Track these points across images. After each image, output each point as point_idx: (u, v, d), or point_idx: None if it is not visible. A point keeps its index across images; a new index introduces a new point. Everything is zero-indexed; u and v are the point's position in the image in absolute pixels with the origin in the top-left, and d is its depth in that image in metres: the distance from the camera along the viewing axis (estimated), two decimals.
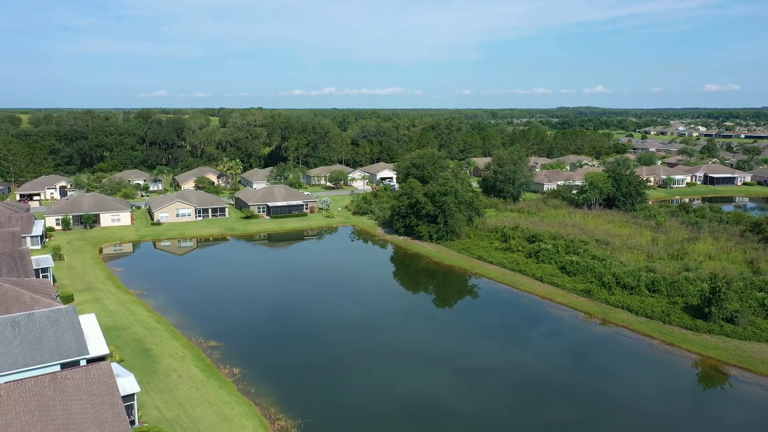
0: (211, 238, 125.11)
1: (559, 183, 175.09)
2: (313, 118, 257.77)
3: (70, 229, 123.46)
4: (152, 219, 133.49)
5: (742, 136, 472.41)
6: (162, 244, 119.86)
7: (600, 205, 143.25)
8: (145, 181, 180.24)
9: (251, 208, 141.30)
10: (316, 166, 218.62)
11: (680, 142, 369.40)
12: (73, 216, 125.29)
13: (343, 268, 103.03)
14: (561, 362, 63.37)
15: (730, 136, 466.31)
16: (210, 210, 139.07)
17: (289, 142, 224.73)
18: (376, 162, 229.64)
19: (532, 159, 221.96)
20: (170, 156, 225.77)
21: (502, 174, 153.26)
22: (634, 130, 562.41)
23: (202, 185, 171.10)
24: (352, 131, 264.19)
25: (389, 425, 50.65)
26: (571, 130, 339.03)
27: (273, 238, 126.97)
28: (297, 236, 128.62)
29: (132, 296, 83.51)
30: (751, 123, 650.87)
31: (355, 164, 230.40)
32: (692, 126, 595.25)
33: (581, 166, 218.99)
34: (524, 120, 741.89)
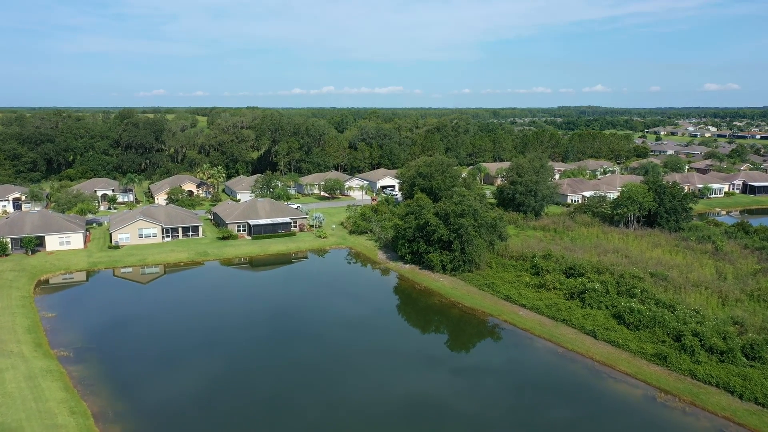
0: (182, 263, 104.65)
1: (584, 194, 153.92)
2: (307, 119, 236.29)
3: (7, 255, 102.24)
4: (110, 241, 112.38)
5: (758, 136, 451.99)
6: (119, 271, 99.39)
7: (638, 222, 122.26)
8: (113, 191, 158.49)
9: (229, 226, 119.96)
10: (309, 172, 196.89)
11: (698, 144, 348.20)
12: (12, 239, 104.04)
13: (337, 312, 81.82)
14: None
15: (744, 137, 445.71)
16: (180, 229, 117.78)
17: (279, 146, 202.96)
18: (377, 168, 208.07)
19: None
20: (148, 161, 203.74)
21: (522, 185, 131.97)
22: (643, 131, 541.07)
23: (176, 197, 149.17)
24: (350, 133, 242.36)
25: None
26: (587, 131, 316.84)
27: (254, 264, 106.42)
28: (282, 261, 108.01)
29: (52, 362, 62.49)
30: (761, 123, 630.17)
31: (352, 170, 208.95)
32: (702, 126, 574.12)
33: (605, 172, 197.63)
34: (527, 120, 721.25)
